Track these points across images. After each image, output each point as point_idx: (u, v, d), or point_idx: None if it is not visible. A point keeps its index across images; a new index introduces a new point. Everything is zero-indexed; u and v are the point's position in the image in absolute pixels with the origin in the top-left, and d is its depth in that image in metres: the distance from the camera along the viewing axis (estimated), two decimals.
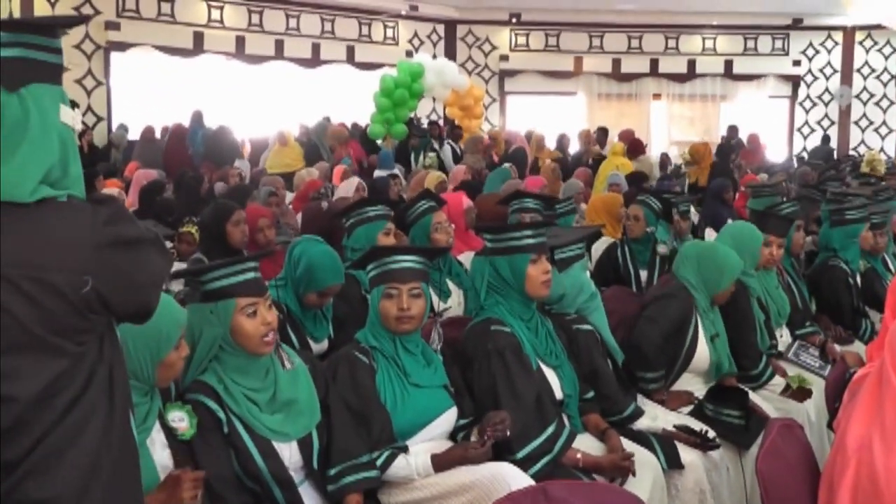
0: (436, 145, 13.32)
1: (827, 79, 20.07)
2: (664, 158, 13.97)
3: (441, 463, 2.86)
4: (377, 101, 13.54)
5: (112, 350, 1.79)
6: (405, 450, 2.90)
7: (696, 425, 3.62)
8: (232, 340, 2.70)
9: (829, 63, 20.04)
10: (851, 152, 18.97)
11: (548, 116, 18.68)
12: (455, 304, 4.65)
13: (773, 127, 20.03)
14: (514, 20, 19.32)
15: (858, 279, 5.23)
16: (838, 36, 19.83)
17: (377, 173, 10.67)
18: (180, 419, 2.58)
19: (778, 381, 4.29)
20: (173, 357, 2.49)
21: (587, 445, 3.29)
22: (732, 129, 15.03)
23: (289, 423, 2.73)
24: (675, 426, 3.55)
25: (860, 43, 19.82)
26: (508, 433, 2.93)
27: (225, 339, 2.70)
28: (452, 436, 3.12)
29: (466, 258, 5.07)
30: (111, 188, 8.63)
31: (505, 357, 3.18)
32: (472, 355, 3.23)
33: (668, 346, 3.96)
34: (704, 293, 4.07)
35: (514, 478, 2.76)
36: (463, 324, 3.51)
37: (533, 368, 3.26)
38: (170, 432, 2.56)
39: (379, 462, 2.84)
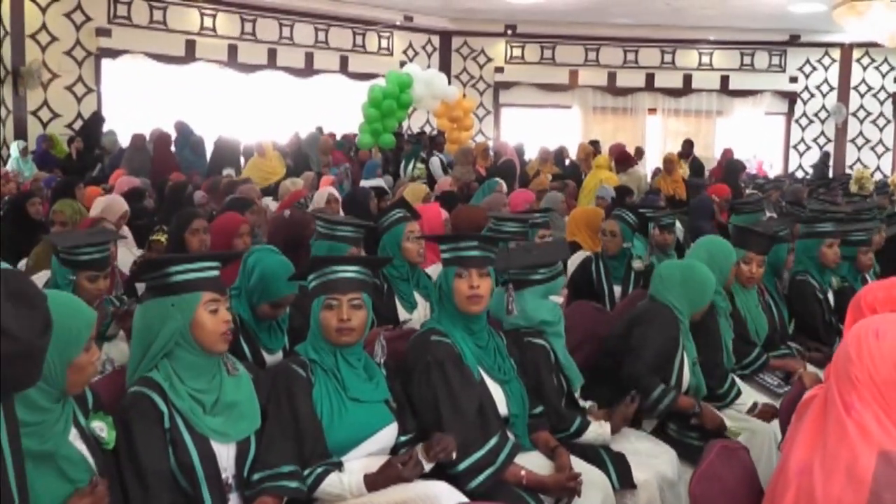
0: (424, 155, 13.26)
1: (824, 96, 20.07)
2: (656, 173, 13.88)
3: (374, 482, 2.78)
4: (365, 111, 13.53)
5: None
6: (339, 466, 2.83)
7: None
8: (190, 336, 2.69)
9: (825, 80, 20.04)
10: (848, 170, 18.91)
11: (543, 129, 18.65)
12: (422, 316, 4.57)
13: (769, 144, 20.01)
14: (509, 32, 19.31)
15: (831, 295, 5.16)
16: (836, 53, 19.83)
17: (363, 184, 10.61)
18: (101, 429, 2.54)
19: (744, 401, 4.20)
20: (83, 360, 2.42)
21: (537, 464, 3.21)
22: (688, 144, 14.91)
23: (229, 424, 2.73)
24: None
25: (857, 60, 19.83)
26: (454, 456, 2.89)
27: (182, 334, 2.69)
28: (394, 452, 3.02)
29: (434, 270, 5.00)
30: (93, 195, 8.58)
31: (444, 368, 3.11)
32: (412, 367, 3.17)
33: (657, 372, 3.84)
34: (688, 315, 3.98)
35: (447, 496, 2.70)
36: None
37: (475, 379, 3.19)
38: (92, 441, 2.51)
39: (310, 479, 2.77)
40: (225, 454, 2.70)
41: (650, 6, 16.89)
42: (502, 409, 3.24)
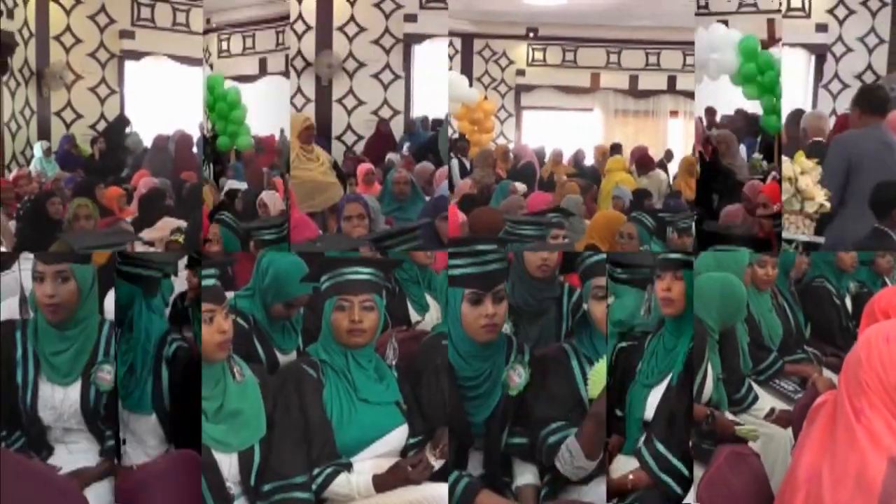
0: None
1: None
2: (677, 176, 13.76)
3: (382, 483, 2.80)
4: None
5: None
6: (349, 467, 2.83)
7: None
8: None
9: None
10: None
11: (564, 132, 18.56)
12: (434, 319, 4.56)
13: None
14: (531, 35, 19.24)
15: (848, 301, 5.09)
16: None
17: None
18: None
19: (761, 406, 4.17)
20: None
21: None
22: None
23: (232, 434, 2.73)
24: None
25: None
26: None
27: None
28: (404, 453, 3.02)
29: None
30: (113, 195, 8.63)
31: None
32: (422, 369, 3.15)
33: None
34: (718, 329, 3.93)
35: None
36: None
37: None
38: None
39: (319, 480, 2.78)
40: (227, 463, 2.71)
41: (672, 8, 16.78)
42: None
